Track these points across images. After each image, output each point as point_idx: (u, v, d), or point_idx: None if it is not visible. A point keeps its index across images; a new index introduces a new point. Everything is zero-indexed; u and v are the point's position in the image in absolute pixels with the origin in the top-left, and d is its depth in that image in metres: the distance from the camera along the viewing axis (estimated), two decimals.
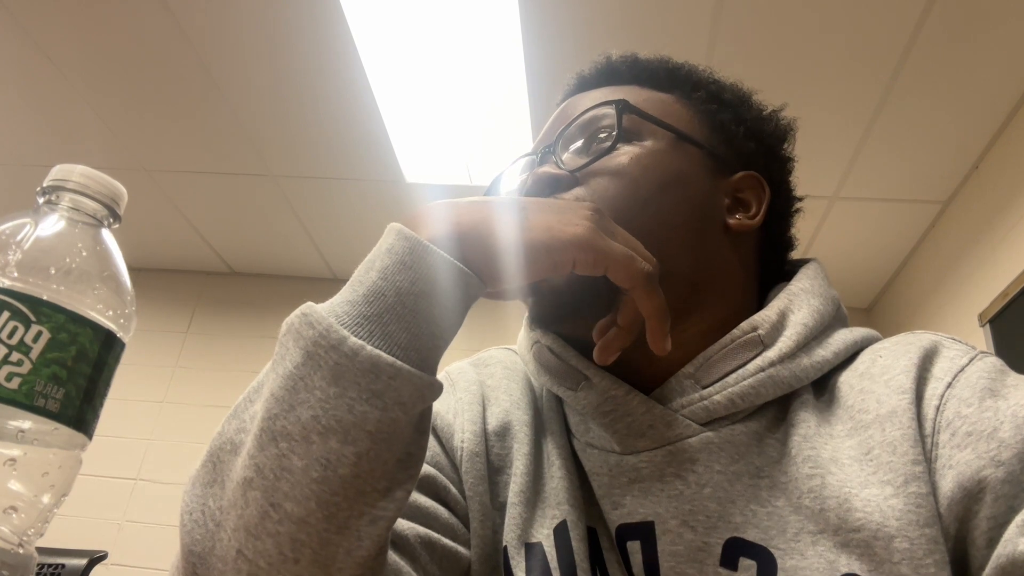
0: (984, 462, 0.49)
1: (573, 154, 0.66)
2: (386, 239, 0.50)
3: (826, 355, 0.60)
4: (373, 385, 0.45)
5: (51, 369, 0.46)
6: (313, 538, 0.45)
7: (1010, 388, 0.53)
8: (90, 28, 2.34)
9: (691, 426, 0.58)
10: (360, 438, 0.44)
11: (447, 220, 0.51)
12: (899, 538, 0.49)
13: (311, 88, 2.51)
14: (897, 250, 3.10)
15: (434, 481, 0.61)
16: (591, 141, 0.66)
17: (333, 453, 0.44)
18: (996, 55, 2.14)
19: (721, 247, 0.65)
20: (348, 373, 0.45)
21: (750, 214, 0.67)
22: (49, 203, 0.51)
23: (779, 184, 0.71)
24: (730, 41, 2.16)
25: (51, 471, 0.48)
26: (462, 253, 0.50)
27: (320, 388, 0.45)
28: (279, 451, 0.45)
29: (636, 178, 0.63)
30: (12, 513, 0.46)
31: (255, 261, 3.65)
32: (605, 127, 0.65)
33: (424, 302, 0.48)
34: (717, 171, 0.67)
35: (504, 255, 0.50)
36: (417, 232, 0.50)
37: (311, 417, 0.44)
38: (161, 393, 3.46)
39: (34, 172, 3.02)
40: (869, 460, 0.53)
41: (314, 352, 0.45)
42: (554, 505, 0.60)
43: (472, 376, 0.70)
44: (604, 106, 0.66)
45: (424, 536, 0.57)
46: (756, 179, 0.68)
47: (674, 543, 0.55)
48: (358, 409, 0.44)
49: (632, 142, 0.65)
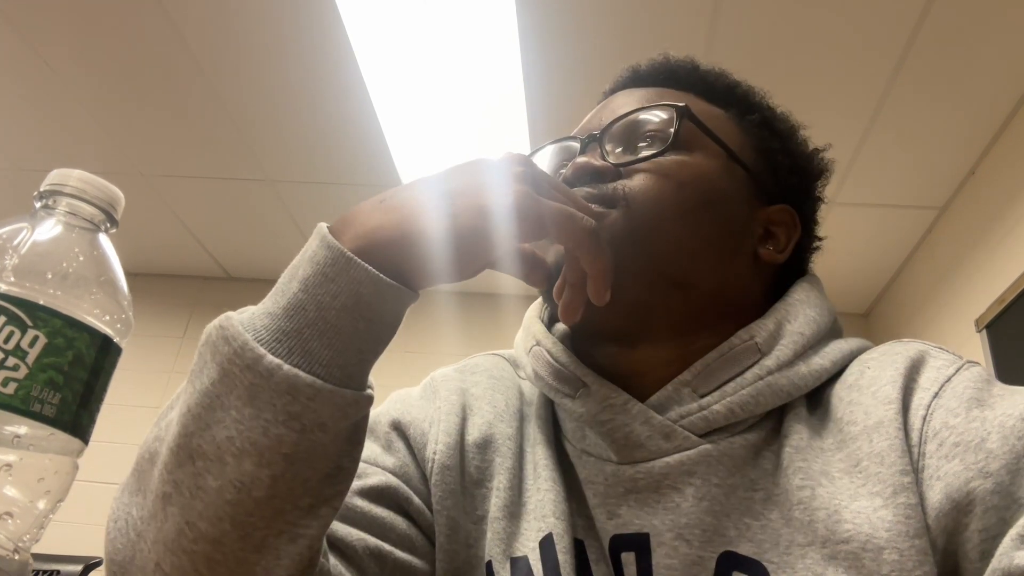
0: (972, 473, 0.49)
1: (619, 149, 0.64)
2: (311, 242, 0.47)
3: (824, 364, 0.60)
4: (290, 407, 0.43)
5: (47, 374, 0.46)
6: (228, 557, 0.44)
7: (996, 398, 0.53)
8: (87, 33, 2.34)
9: (690, 438, 0.57)
10: (275, 461, 0.43)
11: (371, 223, 0.47)
12: (888, 549, 0.48)
13: (309, 93, 2.51)
14: (894, 256, 3.11)
15: (396, 492, 0.61)
16: (640, 139, 0.64)
17: (247, 475, 0.43)
18: (992, 61, 2.15)
19: (746, 273, 0.65)
20: (263, 394, 0.43)
21: (779, 248, 0.67)
22: (46, 207, 0.51)
23: (808, 222, 0.70)
24: (727, 46, 2.17)
25: (47, 477, 0.47)
26: (388, 260, 0.46)
27: (236, 408, 0.43)
28: (195, 470, 0.44)
29: (683, 186, 0.61)
30: (7, 519, 0.46)
31: (252, 266, 3.64)
32: (658, 129, 0.63)
33: (347, 317, 0.45)
34: (757, 198, 0.66)
35: (434, 256, 0.47)
36: (341, 237, 0.47)
37: (226, 438, 0.43)
38: (158, 399, 3.45)
39: (31, 176, 3.02)
40: (858, 472, 0.53)
41: (230, 370, 0.44)
42: (540, 518, 0.59)
43: (455, 384, 0.69)
44: (665, 108, 0.64)
45: (375, 548, 0.57)
46: (790, 214, 0.68)
47: (669, 556, 0.54)
48: (273, 432, 0.43)
49: (684, 150, 0.63)
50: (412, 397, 0.69)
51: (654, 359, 0.61)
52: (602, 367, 0.62)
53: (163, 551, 0.45)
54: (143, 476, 0.48)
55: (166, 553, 0.45)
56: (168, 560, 0.45)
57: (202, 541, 0.44)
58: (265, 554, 0.45)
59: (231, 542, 0.44)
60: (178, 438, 0.45)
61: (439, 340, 3.20)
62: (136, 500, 0.48)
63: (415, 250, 0.47)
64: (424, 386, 0.71)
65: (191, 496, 0.44)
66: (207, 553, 0.44)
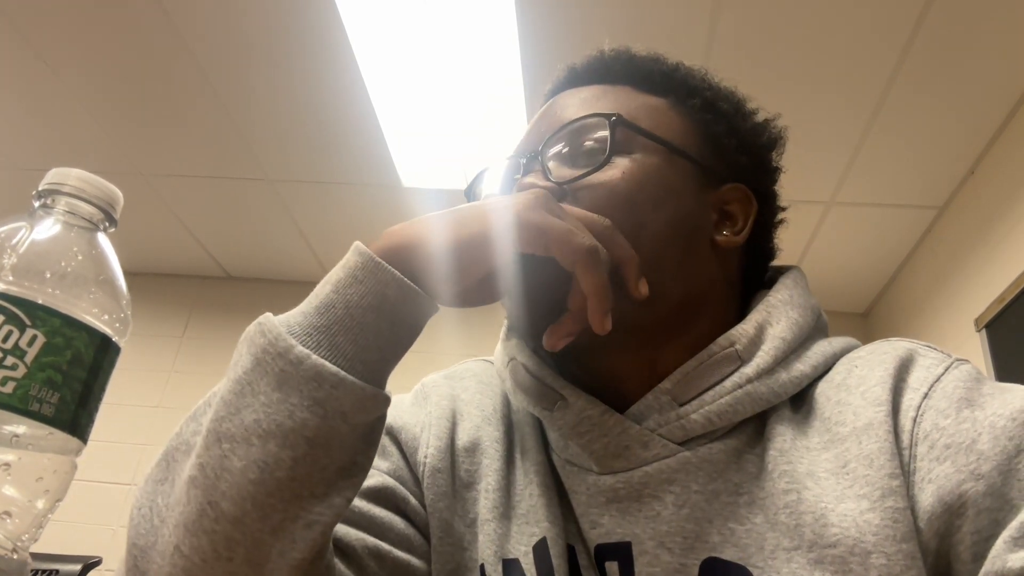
0: (964, 476, 0.48)
1: (561, 163, 0.63)
2: (347, 255, 0.52)
3: (804, 369, 0.59)
4: (315, 393, 0.46)
5: (46, 373, 0.46)
6: (247, 538, 0.46)
7: (986, 397, 0.52)
8: (87, 32, 2.34)
9: (668, 446, 0.57)
10: (298, 443, 0.46)
11: (397, 237, 0.52)
12: (876, 554, 0.48)
13: (308, 92, 2.51)
14: (893, 255, 3.11)
15: (392, 493, 0.62)
16: (580, 150, 0.63)
17: (271, 456, 0.46)
18: (992, 61, 2.15)
19: (708, 265, 0.64)
20: (292, 380, 0.46)
21: (736, 228, 0.65)
22: (45, 207, 0.51)
23: (765, 195, 0.69)
24: (727, 47, 2.17)
25: (46, 476, 0.47)
26: (409, 266, 0.51)
27: (264, 393, 0.47)
28: (221, 452, 0.46)
29: (631, 196, 0.60)
30: (6, 518, 0.46)
31: (251, 266, 3.64)
32: (597, 137, 0.63)
33: (372, 316, 0.49)
34: (706, 184, 0.65)
35: (444, 257, 0.51)
36: (372, 247, 0.52)
37: (253, 420, 0.46)
38: (157, 398, 3.45)
39: (30, 176, 3.01)
40: (846, 473, 0.53)
41: (262, 359, 0.47)
42: (533, 522, 0.59)
43: (445, 390, 0.70)
44: (597, 117, 0.63)
45: (373, 547, 0.58)
46: (744, 191, 0.66)
47: (651, 564, 0.55)
48: (298, 415, 0.46)
49: (624, 154, 0.62)
50: (404, 403, 0.70)
51: (630, 367, 0.61)
52: (579, 378, 0.62)
53: (183, 533, 0.47)
54: (172, 466, 0.50)
55: (186, 535, 0.46)
56: (188, 542, 0.46)
57: (223, 520, 0.46)
58: (281, 537, 0.47)
59: (251, 522, 0.46)
60: (210, 423, 0.48)
61: (440, 341, 3.21)
62: (162, 489, 0.50)
63: (429, 255, 0.51)
64: (415, 392, 0.72)
65: (216, 477, 0.46)
66: (227, 533, 0.46)
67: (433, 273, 0.51)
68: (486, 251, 0.51)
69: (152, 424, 3.38)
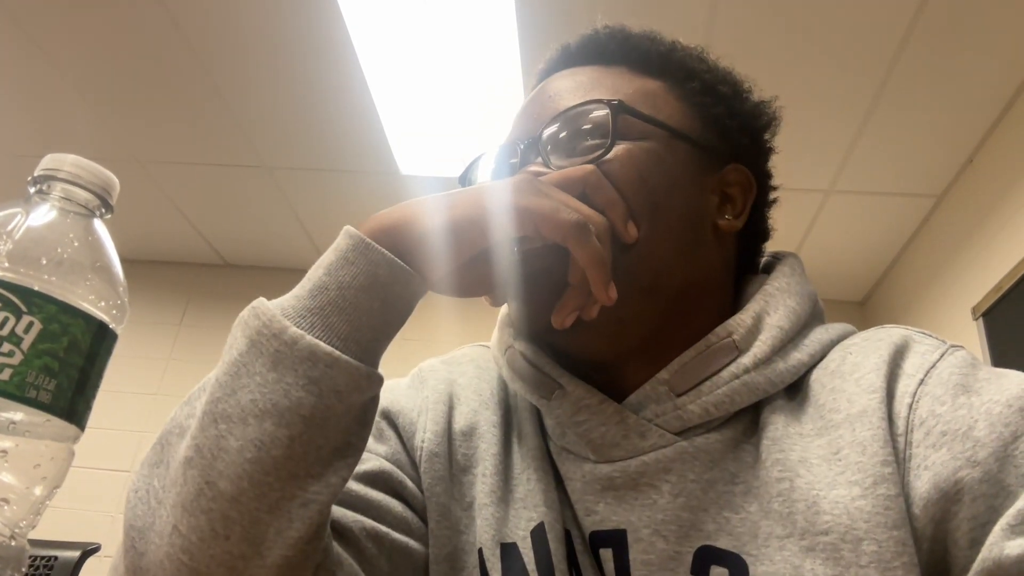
0: (960, 463, 0.48)
1: (560, 150, 0.62)
2: (338, 239, 0.52)
3: (802, 357, 0.59)
4: (310, 372, 0.47)
5: (43, 360, 0.46)
6: (244, 516, 0.46)
7: (982, 383, 0.52)
8: (82, 18, 2.32)
9: (665, 436, 0.57)
10: (294, 422, 0.46)
11: (387, 219, 0.53)
12: (867, 540, 0.48)
13: (306, 79, 2.50)
14: (891, 244, 3.11)
15: (390, 476, 0.62)
16: (581, 137, 0.61)
17: (267, 435, 0.46)
18: (990, 50, 2.14)
19: (709, 250, 0.63)
20: (287, 360, 0.47)
21: (736, 211, 0.65)
22: (40, 193, 0.51)
23: (761, 176, 0.69)
24: (726, 36, 2.16)
25: (43, 463, 0.47)
26: (400, 246, 0.51)
27: (260, 374, 0.47)
28: (218, 432, 0.47)
29: (635, 185, 0.59)
30: (4, 505, 0.46)
31: (249, 253, 3.63)
32: (597, 124, 0.61)
33: (364, 296, 0.50)
34: (707, 167, 0.64)
35: (433, 237, 0.52)
36: (362, 229, 0.52)
37: (250, 400, 0.47)
38: (154, 385, 3.45)
39: (26, 163, 3.00)
40: (838, 460, 0.52)
41: (257, 340, 0.48)
42: (531, 507, 0.59)
43: (443, 375, 0.70)
44: (597, 104, 0.61)
45: (371, 529, 0.58)
46: (744, 173, 0.66)
47: (646, 552, 0.55)
48: (294, 394, 0.47)
49: (625, 140, 0.61)
50: (400, 387, 0.70)
51: (629, 356, 0.61)
52: (577, 367, 0.62)
53: (181, 513, 0.47)
54: (167, 449, 0.50)
55: (184, 515, 0.47)
56: (185, 521, 0.46)
57: (220, 499, 0.46)
58: (278, 516, 0.47)
59: (248, 500, 0.46)
60: (205, 405, 0.48)
61: (437, 328, 3.21)
62: (157, 472, 0.50)
63: (420, 235, 0.52)
64: (412, 376, 0.71)
65: (212, 457, 0.46)
66: (224, 512, 0.46)
67: (423, 253, 0.52)
68: (475, 231, 0.51)
69: (150, 411, 3.39)
